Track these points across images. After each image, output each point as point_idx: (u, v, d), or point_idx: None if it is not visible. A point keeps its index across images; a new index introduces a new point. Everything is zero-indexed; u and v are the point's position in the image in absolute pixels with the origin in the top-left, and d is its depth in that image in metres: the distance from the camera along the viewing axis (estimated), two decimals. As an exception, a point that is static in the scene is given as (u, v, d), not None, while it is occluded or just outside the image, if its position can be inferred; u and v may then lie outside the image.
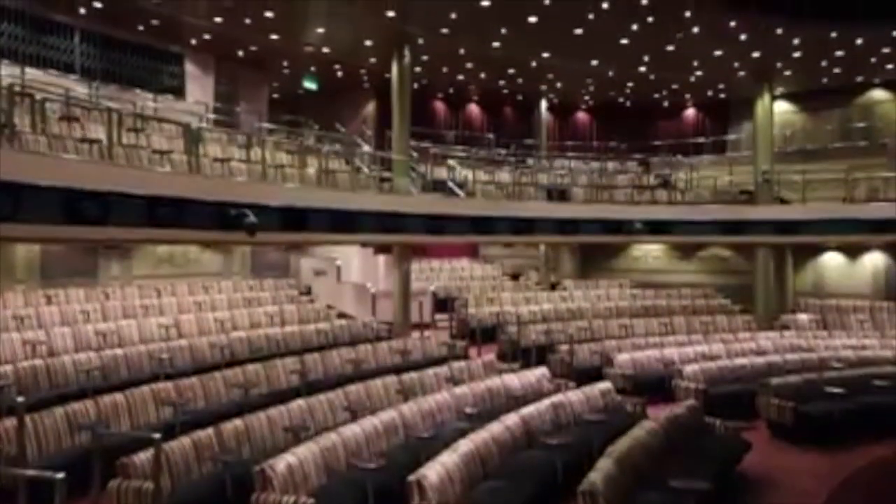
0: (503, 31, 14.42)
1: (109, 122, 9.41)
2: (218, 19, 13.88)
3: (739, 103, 20.82)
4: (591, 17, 13.67)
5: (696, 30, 14.56)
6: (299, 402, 8.79)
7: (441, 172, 16.74)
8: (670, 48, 15.62)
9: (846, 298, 18.40)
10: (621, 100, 21.81)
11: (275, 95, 21.39)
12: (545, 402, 8.78)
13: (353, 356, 11.79)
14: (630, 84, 19.74)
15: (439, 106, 21.65)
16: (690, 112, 22.88)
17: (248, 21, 13.91)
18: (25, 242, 11.55)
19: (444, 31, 14.16)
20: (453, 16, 13.34)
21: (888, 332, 15.34)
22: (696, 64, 17.35)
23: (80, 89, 13.30)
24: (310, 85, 19.40)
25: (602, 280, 21.46)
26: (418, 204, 13.53)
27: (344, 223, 12.06)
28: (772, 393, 9.75)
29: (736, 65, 17.29)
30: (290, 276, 18.60)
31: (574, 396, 9.36)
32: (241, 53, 16.49)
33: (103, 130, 9.96)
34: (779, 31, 14.55)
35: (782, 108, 21.18)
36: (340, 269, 17.64)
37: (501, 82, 19.88)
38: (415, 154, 17.39)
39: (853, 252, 18.60)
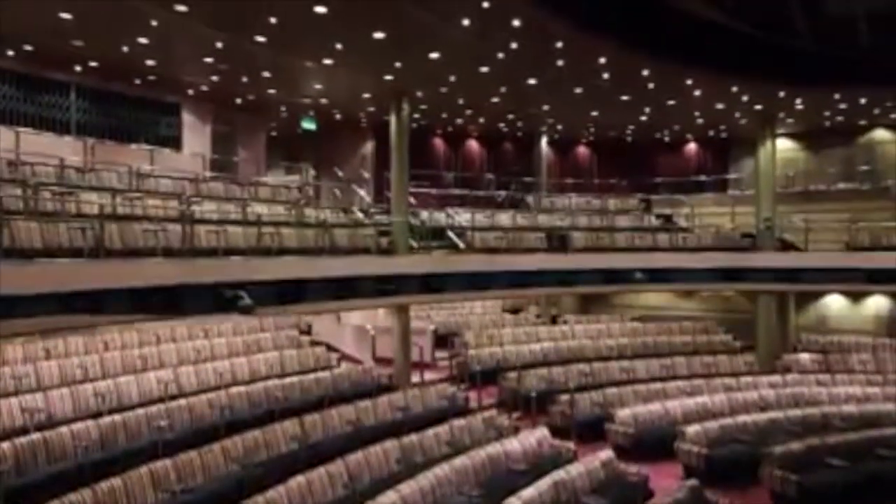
0: (502, 89, 14.42)
1: (101, 216, 9.37)
2: (214, 78, 13.91)
3: (741, 141, 20.84)
4: (591, 82, 13.64)
5: (697, 93, 14.57)
6: (299, 480, 8.76)
7: (440, 217, 16.75)
8: (671, 103, 15.61)
9: (849, 335, 18.32)
10: (623, 135, 21.79)
11: (273, 134, 21.46)
12: (546, 482, 8.70)
13: (353, 416, 11.73)
14: (631, 126, 19.74)
15: (438, 143, 21.64)
16: (692, 147, 22.87)
17: (244, 79, 13.92)
18: (22, 335, 11.42)
19: (443, 89, 14.13)
20: (452, 78, 13.33)
21: (889, 376, 15.27)
22: (697, 114, 17.35)
23: (74, 158, 13.36)
24: (308, 126, 19.44)
25: (603, 315, 21.39)
26: (415, 264, 13.49)
27: (341, 291, 12.01)
28: (775, 464, 9.67)
29: (738, 115, 17.30)
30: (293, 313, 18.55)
31: (574, 471, 9.27)
32: (238, 101, 16.48)
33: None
34: (781, 94, 14.56)
35: (785, 145, 21.16)
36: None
37: (501, 124, 19.91)
38: (413, 201, 17.47)
39: (856, 293, 18.51)
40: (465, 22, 9.41)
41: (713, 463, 10.47)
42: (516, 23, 9.52)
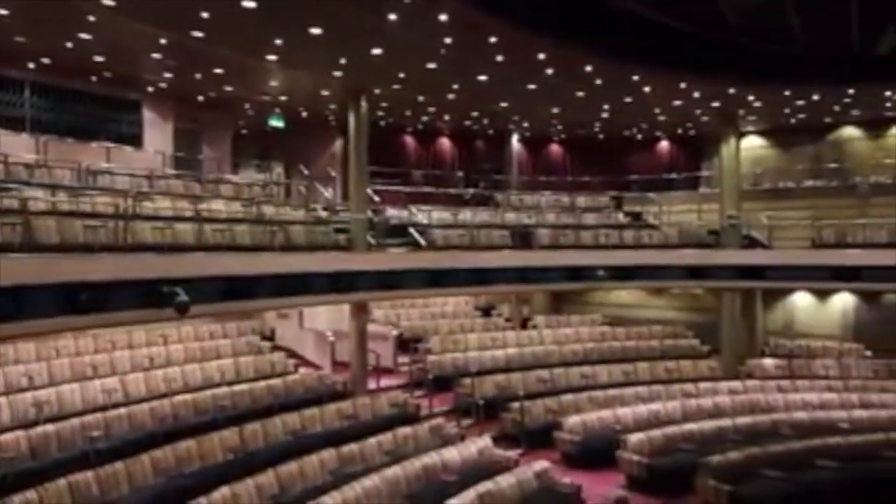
0: (455, 86, 14.24)
1: (23, 210, 9.22)
2: (168, 75, 13.73)
3: (713, 138, 20.63)
4: (538, 78, 13.45)
5: (647, 89, 14.39)
6: (223, 492, 8.66)
7: (405, 214, 16.63)
8: (628, 100, 15.42)
9: (816, 339, 18.24)
10: (594, 133, 21.61)
11: (243, 131, 21.28)
12: (470, 494, 8.59)
13: (298, 424, 11.63)
14: (597, 124, 19.55)
15: (408, 141, 21.47)
16: (664, 145, 22.69)
17: (198, 76, 13.75)
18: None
19: (397, 86, 13.94)
20: (402, 75, 13.14)
21: (850, 383, 15.16)
22: (657, 111, 17.15)
23: (29, 156, 13.19)
24: (276, 123, 19.25)
25: (575, 315, 21.25)
26: (370, 261, 13.34)
27: (292, 287, 11.86)
28: (710, 474, 9.57)
29: (698, 111, 17.12)
30: (256, 318, 18.45)
31: (505, 482, 9.17)
32: (201, 99, 16.31)
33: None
34: (731, 90, 14.39)
35: (754, 143, 21.06)
36: (302, 314, 17.40)
37: (467, 122, 19.74)
38: (376, 199, 17.32)
39: (823, 292, 18.41)
40: (392, 17, 9.21)
41: (653, 472, 10.38)
42: (443, 17, 9.32)
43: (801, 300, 18.90)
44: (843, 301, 18.29)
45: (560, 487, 9.55)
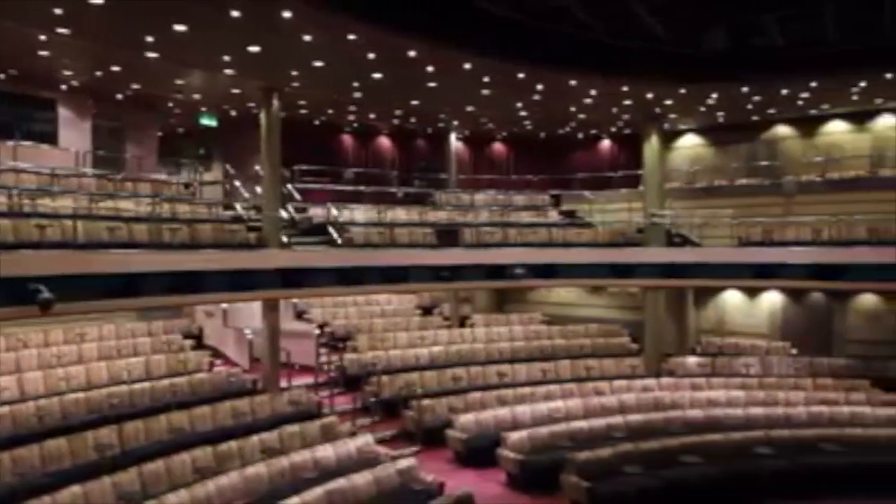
0: (355, 84, 14.17)
1: None
2: (67, 73, 13.68)
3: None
4: (427, 76, 13.42)
5: (539, 87, 14.35)
6: (73, 490, 8.60)
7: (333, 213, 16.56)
8: (537, 98, 15.37)
9: (746, 337, 18.22)
10: (535, 132, 21.57)
11: (180, 129, 21.24)
12: (317, 491, 8.55)
13: (185, 423, 11.57)
14: (527, 122, 19.51)
15: (346, 139, 21.43)
16: (606, 144, 22.67)
17: (99, 74, 13.69)
18: None
19: (296, 84, 13.89)
20: (295, 73, 13.09)
21: (766, 381, 15.14)
22: (573, 109, 17.09)
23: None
24: (207, 122, 19.20)
25: (516, 314, 21.21)
26: (277, 259, 13.26)
27: (187, 285, 11.80)
28: (574, 471, 9.53)
29: (615, 110, 17.08)
30: (185, 317, 18.41)
31: (363, 479, 9.13)
32: (120, 96, 16.25)
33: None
34: (624, 88, 14.35)
35: (692, 141, 21.04)
36: (226, 312, 17.36)
37: (397, 120, 19.69)
38: (297, 196, 17.28)
39: (752, 291, 18.39)
40: (235, 13, 9.14)
41: (527, 469, 10.35)
42: (287, 14, 9.26)
43: (732, 299, 18.88)
44: (772, 300, 18.28)
45: (421, 485, 9.49)
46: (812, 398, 13.71)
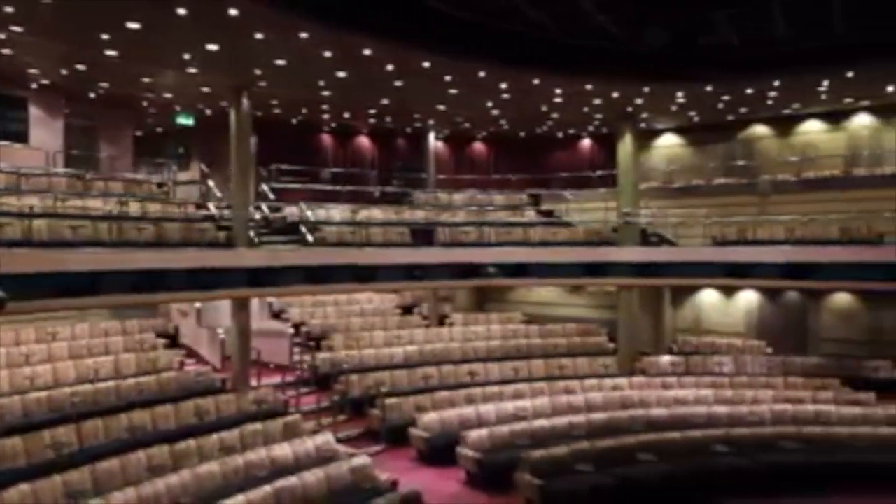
0: (321, 82, 14.16)
1: None
2: (34, 71, 13.65)
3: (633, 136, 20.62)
4: (390, 74, 13.42)
5: (503, 86, 14.36)
6: (21, 488, 8.58)
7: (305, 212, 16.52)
8: (506, 97, 15.36)
9: (722, 336, 18.22)
10: (515, 131, 21.56)
11: (158, 129, 21.22)
12: (266, 489, 8.53)
13: (147, 422, 11.54)
14: (502, 123, 19.52)
15: (325, 139, 21.42)
16: (586, 143, 22.66)
17: (65, 72, 13.67)
18: None
19: (263, 83, 13.87)
20: (258, 72, 13.06)
21: (736, 380, 15.13)
22: (545, 109, 17.07)
23: None
24: (184, 121, 19.17)
25: (495, 313, 21.18)
26: (243, 258, 13.24)
27: (148, 283, 11.77)
28: (527, 469, 9.51)
29: (586, 110, 17.06)
30: (161, 316, 18.38)
31: (313, 477, 9.11)
32: (93, 95, 16.22)
33: None
34: (588, 86, 14.33)
35: (671, 141, 21.03)
36: (200, 312, 17.32)
37: (372, 121, 19.67)
38: (271, 196, 17.27)
39: (729, 290, 18.39)
40: (181, 11, 9.12)
41: (485, 468, 10.33)
42: (234, 12, 9.24)
43: (708, 298, 18.88)
44: (748, 299, 18.29)
45: (373, 483, 9.46)
46: (779, 397, 13.72)
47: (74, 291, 10.72)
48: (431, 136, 21.36)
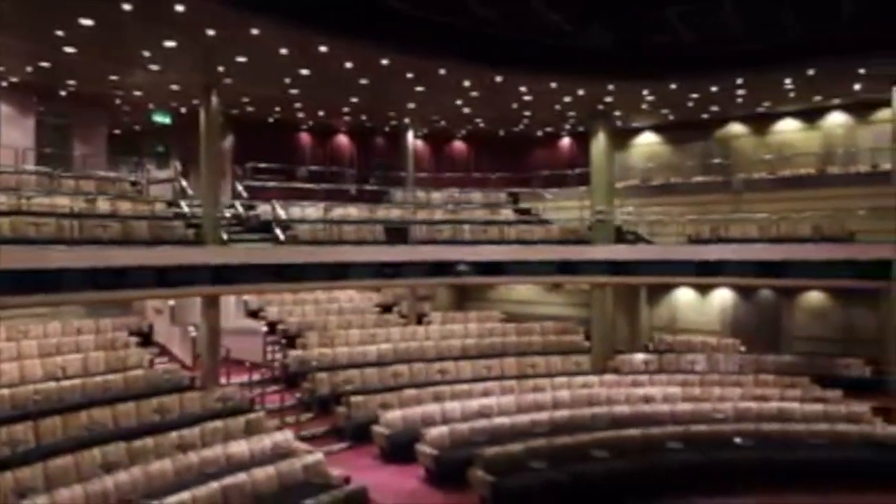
0: (287, 80, 14.13)
1: None
2: (0, 68, 13.62)
3: (612, 135, 20.60)
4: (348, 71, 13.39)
5: (466, 83, 14.35)
6: (-33, 485, 8.57)
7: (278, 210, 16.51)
8: (474, 94, 15.34)
9: (697, 335, 18.22)
10: (495, 130, 21.55)
11: (136, 127, 21.17)
12: (214, 485, 8.51)
13: (108, 419, 11.53)
14: (478, 121, 19.50)
15: (304, 137, 21.39)
16: (566, 142, 22.65)
17: (30, 69, 13.64)
18: None
19: (228, 80, 13.85)
20: (221, 69, 13.04)
21: (707, 378, 15.12)
22: (516, 106, 17.04)
23: None
24: (161, 119, 19.14)
25: (474, 312, 21.16)
26: (204, 255, 13.22)
27: (112, 280, 11.76)
28: (481, 465, 9.50)
29: (558, 108, 17.04)
30: (136, 314, 18.35)
31: (263, 474, 9.11)
32: (64, 93, 16.18)
33: None
34: (553, 84, 14.27)
35: (649, 139, 21.00)
36: (174, 309, 17.31)
37: (348, 119, 19.64)
38: (244, 194, 17.25)
39: (703, 288, 18.40)
40: (127, 6, 9.08)
41: (441, 464, 10.33)
42: (180, 8, 9.21)
43: (684, 296, 18.89)
44: (723, 297, 18.29)
45: (325, 480, 9.45)
46: (747, 394, 13.72)
47: (36, 288, 10.73)
48: (410, 135, 21.30)
